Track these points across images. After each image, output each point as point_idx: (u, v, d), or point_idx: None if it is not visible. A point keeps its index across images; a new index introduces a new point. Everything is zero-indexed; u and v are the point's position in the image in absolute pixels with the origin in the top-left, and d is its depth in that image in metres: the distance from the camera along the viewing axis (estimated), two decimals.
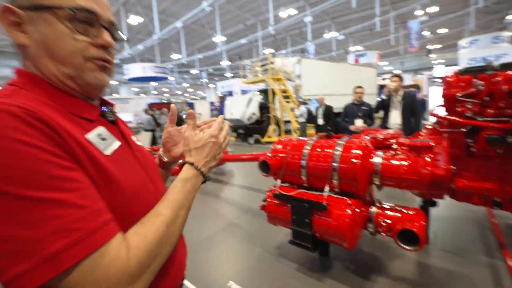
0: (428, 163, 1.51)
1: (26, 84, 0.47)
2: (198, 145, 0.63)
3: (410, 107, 3.68)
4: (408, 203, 1.93)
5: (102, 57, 0.51)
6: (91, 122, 0.51)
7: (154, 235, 0.46)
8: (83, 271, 0.37)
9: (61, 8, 0.46)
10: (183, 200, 0.55)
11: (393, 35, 18.93)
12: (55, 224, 0.35)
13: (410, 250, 1.49)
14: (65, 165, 0.39)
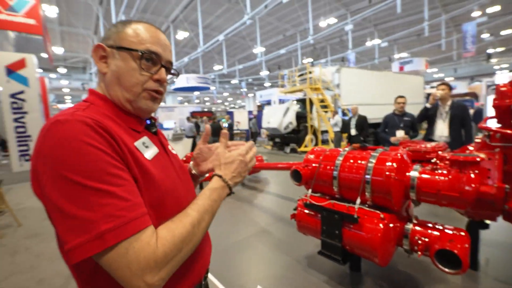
0: (472, 179, 1.40)
1: (95, 101, 0.62)
2: (227, 161, 0.70)
3: (460, 118, 3.37)
4: (455, 223, 1.78)
5: (156, 89, 0.65)
6: (138, 133, 0.64)
7: (181, 232, 0.53)
8: (119, 251, 0.45)
9: (136, 50, 0.61)
10: (209, 206, 0.61)
11: (444, 40, 17.35)
12: (105, 210, 0.45)
13: (449, 273, 1.39)
14: (118, 165, 0.50)
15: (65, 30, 15.23)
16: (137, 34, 0.62)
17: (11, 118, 7.07)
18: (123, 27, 0.63)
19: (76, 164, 0.46)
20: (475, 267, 2.04)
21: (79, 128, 0.48)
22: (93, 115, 0.53)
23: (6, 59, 6.98)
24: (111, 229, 0.45)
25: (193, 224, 0.56)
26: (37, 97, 7.50)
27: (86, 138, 0.48)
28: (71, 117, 0.49)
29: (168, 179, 0.64)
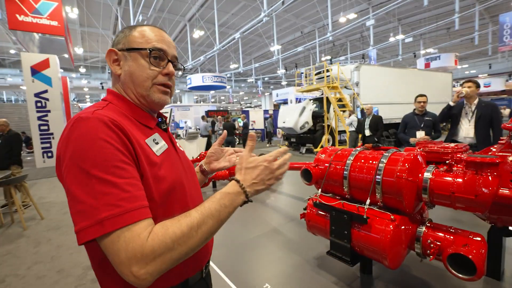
0: (489, 182, 1.32)
1: (113, 99, 0.68)
2: (249, 166, 0.65)
3: (488, 118, 3.14)
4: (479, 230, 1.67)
5: (165, 83, 0.70)
6: (150, 129, 0.70)
7: (174, 231, 0.52)
8: (113, 238, 0.49)
9: (144, 49, 0.67)
10: (215, 210, 0.58)
11: (477, 33, 16.23)
12: (107, 199, 0.49)
13: (462, 278, 1.32)
14: (125, 160, 0.54)
15: (85, 30, 15.98)
16: (143, 35, 0.68)
17: (35, 117, 7.56)
18: (130, 31, 0.69)
19: (89, 156, 0.51)
20: (498, 276, 1.91)
21: (96, 126, 0.54)
22: (111, 114, 0.59)
23: (31, 60, 7.47)
24: (109, 217, 0.49)
25: (191, 226, 0.54)
26: (59, 96, 7.96)
27: (101, 135, 0.53)
28: (91, 115, 0.56)
29: (176, 172, 0.68)
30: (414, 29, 18.25)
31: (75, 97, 29.08)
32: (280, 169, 0.68)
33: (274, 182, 0.68)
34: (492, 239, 1.84)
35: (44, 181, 6.58)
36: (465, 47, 22.04)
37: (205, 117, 10.36)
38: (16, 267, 2.58)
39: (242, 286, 2.07)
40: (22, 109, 14.73)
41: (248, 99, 39.43)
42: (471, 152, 1.84)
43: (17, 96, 27.04)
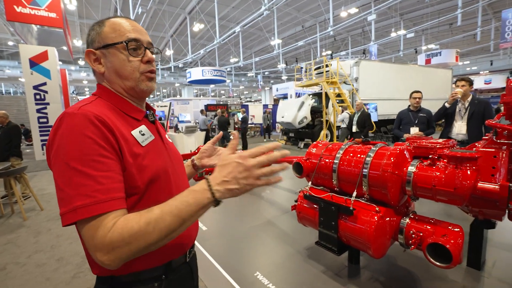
0: (467, 175, 1.38)
1: (102, 94, 0.72)
2: (222, 163, 0.61)
3: (481, 115, 3.19)
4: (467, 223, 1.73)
5: (149, 69, 0.73)
6: (138, 121, 0.73)
7: (132, 226, 0.54)
8: (84, 225, 0.55)
9: (120, 43, 0.69)
10: (176, 208, 0.57)
11: (480, 29, 16.09)
12: (82, 189, 0.54)
13: (439, 266, 1.39)
14: (105, 154, 0.58)
15: (84, 22, 15.81)
16: (114, 29, 0.70)
17: (34, 109, 7.57)
18: (100, 28, 0.71)
19: (70, 150, 0.56)
20: (479, 266, 1.99)
21: (80, 122, 0.58)
22: (97, 109, 0.63)
23: (29, 52, 7.41)
24: (82, 206, 0.54)
25: (149, 222, 0.55)
26: (58, 88, 7.95)
27: (83, 130, 0.58)
28: (77, 111, 0.60)
29: (161, 162, 0.72)
30: (416, 24, 18.11)
31: (74, 89, 28.98)
32: (261, 170, 0.60)
33: (254, 183, 0.60)
34: (474, 231, 1.91)
35: (43, 173, 6.66)
36: (467, 43, 21.92)
37: (204, 111, 10.36)
38: (16, 255, 2.67)
39: (233, 274, 2.15)
40: (21, 101, 14.72)
41: (248, 93, 39.31)
42: (457, 147, 1.90)
43: (15, 88, 26.97)
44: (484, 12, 16.05)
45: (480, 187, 1.55)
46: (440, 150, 1.69)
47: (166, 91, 35.90)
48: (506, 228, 2.61)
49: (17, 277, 2.28)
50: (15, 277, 2.28)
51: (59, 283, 2.17)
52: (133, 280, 0.69)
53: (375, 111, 9.51)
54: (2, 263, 2.52)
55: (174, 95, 33.09)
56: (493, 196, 1.56)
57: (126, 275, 0.68)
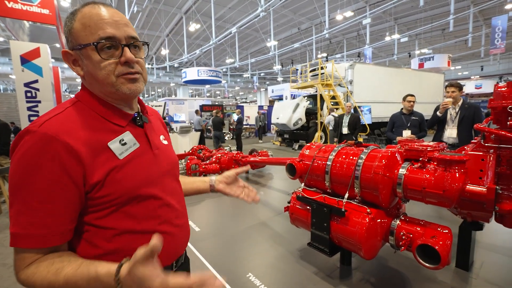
0: (456, 178, 1.40)
1: (83, 97, 0.66)
2: (136, 279, 0.50)
3: (470, 119, 3.26)
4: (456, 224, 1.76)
5: (127, 71, 0.64)
6: (122, 127, 0.67)
7: (35, 281, 0.56)
8: (16, 250, 0.58)
9: (90, 44, 0.60)
10: (78, 284, 0.54)
11: (471, 35, 16.46)
12: (20, 218, 0.56)
13: (427, 267, 1.42)
14: (54, 185, 0.56)
15: None
16: (84, 25, 0.60)
17: (25, 107, 7.44)
18: (71, 23, 0.62)
19: (21, 175, 0.56)
20: (466, 267, 2.03)
21: (37, 145, 0.55)
22: (64, 123, 0.59)
23: (21, 49, 7.28)
24: (15, 234, 0.56)
25: (52, 286, 0.55)
26: (50, 86, 7.82)
27: (36, 157, 0.55)
28: (38, 129, 0.56)
29: (142, 173, 0.67)
30: (410, 29, 18.40)
31: (67, 88, 28.52)
32: None
33: None
34: (462, 232, 1.94)
35: None
36: (459, 49, 22.35)
37: (199, 111, 10.33)
38: (4, 256, 2.60)
39: (226, 275, 2.14)
40: (11, 99, 14.40)
41: (244, 94, 39.32)
42: (447, 151, 1.94)
43: (5, 85, 26.41)
44: (475, 18, 16.43)
45: (468, 190, 1.58)
46: (430, 153, 1.72)
47: (161, 91, 35.63)
48: (493, 229, 2.66)
49: (4, 278, 2.23)
50: (2, 278, 2.23)
51: None
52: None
53: (369, 113, 9.62)
54: None
55: (169, 95, 32.85)
56: (481, 198, 1.59)
57: None
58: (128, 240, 0.65)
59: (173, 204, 0.76)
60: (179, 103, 16.70)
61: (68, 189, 0.57)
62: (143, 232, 0.67)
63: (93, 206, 0.62)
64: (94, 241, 0.63)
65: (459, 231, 1.98)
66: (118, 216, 0.63)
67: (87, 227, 0.63)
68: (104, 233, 0.63)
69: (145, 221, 0.68)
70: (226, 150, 5.68)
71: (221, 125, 8.65)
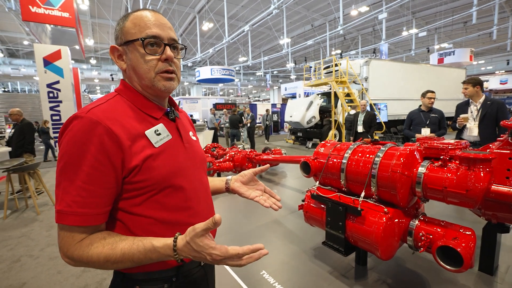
0: (480, 177, 1.34)
1: (122, 90, 0.72)
2: (194, 246, 0.58)
3: (493, 117, 3.10)
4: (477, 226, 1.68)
5: (166, 69, 0.70)
6: (156, 120, 0.72)
7: (92, 256, 0.60)
8: (60, 227, 0.62)
9: (137, 40, 0.68)
10: (138, 259, 0.61)
11: (496, 27, 15.54)
12: (65, 196, 0.59)
13: (449, 269, 1.36)
14: (97, 166, 0.60)
15: (95, 22, 16.09)
16: (135, 24, 0.68)
17: (48, 107, 7.80)
18: (124, 22, 0.70)
19: (69, 156, 0.60)
20: (491, 271, 1.93)
21: (83, 128, 0.60)
22: (108, 111, 0.64)
23: (44, 51, 7.63)
24: (61, 211, 0.60)
25: (108, 259, 0.60)
26: (71, 87, 8.16)
27: (83, 139, 0.60)
28: (85, 115, 0.61)
29: (174, 163, 0.70)
30: (429, 23, 17.68)
31: (86, 88, 29.62)
32: (226, 262, 0.59)
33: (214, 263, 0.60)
34: (486, 235, 1.85)
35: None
36: (482, 42, 21.25)
37: (213, 109, 10.42)
38: (30, 248, 2.75)
39: (239, 273, 2.16)
40: (35, 99, 15.16)
41: (257, 92, 39.29)
42: (470, 149, 1.85)
43: (30, 86, 27.78)
44: (501, 9, 15.52)
45: (493, 190, 1.50)
46: (452, 151, 1.65)
47: (176, 90, 36.25)
48: None
49: (31, 269, 2.36)
50: (29, 269, 2.36)
51: (70, 276, 2.23)
52: (142, 279, 0.70)
53: (386, 109, 9.35)
54: (16, 255, 2.61)
55: (183, 94, 33.37)
56: (508, 199, 1.51)
57: (135, 273, 0.69)
58: (160, 230, 0.68)
59: (202, 197, 0.79)
60: (193, 101, 16.93)
61: (108, 173, 0.61)
62: (175, 223, 0.70)
63: (129, 191, 0.65)
64: (130, 228, 0.67)
65: (483, 233, 1.89)
66: (151, 205, 0.67)
67: (123, 214, 0.67)
68: (139, 220, 0.67)
69: (177, 212, 0.71)
70: (240, 148, 5.70)
71: (238, 123, 8.69)
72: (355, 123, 6.10)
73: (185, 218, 0.72)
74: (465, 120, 3.19)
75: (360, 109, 6.13)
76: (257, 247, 0.59)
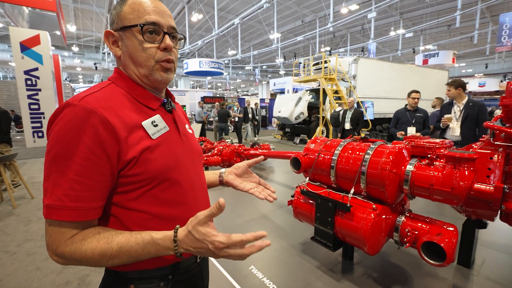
0: (465, 176, 1.39)
1: (116, 79, 0.68)
2: (196, 235, 0.56)
3: (474, 118, 3.24)
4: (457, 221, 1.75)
5: (166, 58, 0.67)
6: (153, 110, 0.69)
7: (86, 251, 0.56)
8: (48, 222, 0.57)
9: (135, 26, 0.64)
10: (135, 253, 0.57)
11: (477, 32, 16.21)
12: (56, 189, 0.55)
13: (433, 264, 1.41)
14: (91, 158, 0.56)
15: (78, 7, 15.26)
16: (133, 9, 0.65)
17: (25, 95, 7.36)
18: (121, 7, 0.66)
19: (60, 146, 0.55)
20: (468, 265, 2.04)
21: (77, 117, 0.56)
22: (102, 100, 0.60)
23: (20, 35, 7.15)
24: (50, 206, 0.55)
25: (103, 254, 0.56)
26: (51, 74, 7.74)
27: (77, 129, 0.55)
28: (78, 103, 0.57)
29: (172, 156, 0.68)
30: (415, 24, 18.14)
31: (67, 76, 28.28)
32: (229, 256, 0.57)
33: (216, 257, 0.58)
34: (466, 230, 1.94)
35: (34, 161, 6.52)
36: (464, 46, 22.08)
37: (201, 102, 10.26)
38: (6, 244, 2.61)
39: (228, 268, 2.15)
40: (11, 86, 14.28)
41: (245, 87, 39.05)
42: (454, 148, 1.92)
43: (5, 72, 26.18)
44: (482, 15, 16.16)
45: (475, 188, 1.57)
46: (437, 150, 1.70)
47: None
48: (495, 227, 2.67)
49: (6, 266, 2.24)
50: (4, 266, 2.24)
51: (50, 273, 2.14)
52: (137, 277, 0.67)
53: (372, 106, 9.56)
54: None
55: (170, 86, 32.64)
56: (488, 197, 1.58)
57: (129, 271, 0.66)
58: (156, 225, 0.65)
59: (199, 191, 0.77)
60: (180, 94, 16.59)
61: (102, 164, 0.57)
62: (172, 218, 0.68)
63: (125, 185, 0.62)
64: (125, 224, 0.63)
65: (463, 229, 1.98)
66: (148, 200, 0.64)
67: (118, 209, 0.63)
68: (135, 216, 0.64)
69: (174, 206, 0.68)
70: (228, 142, 5.66)
71: (227, 117, 8.61)
72: (343, 120, 6.20)
73: (182, 213, 0.69)
74: (449, 120, 3.33)
75: (348, 106, 6.22)
76: (260, 235, 0.56)
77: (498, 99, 15.14)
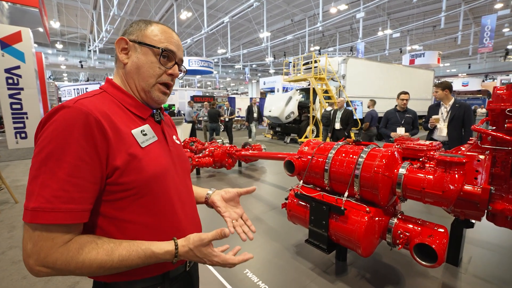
0: (455, 179, 1.43)
1: (108, 88, 0.71)
2: (198, 254, 0.65)
3: (460, 119, 3.35)
4: (444, 220, 1.81)
5: (168, 82, 0.75)
6: (143, 120, 0.72)
7: (83, 261, 0.54)
8: (31, 227, 0.54)
9: (158, 48, 0.71)
10: (135, 264, 0.60)
11: (461, 33, 16.78)
12: (43, 190, 0.52)
13: (425, 265, 1.45)
14: (85, 159, 0.55)
15: (61, 3, 14.73)
16: (157, 33, 0.72)
17: (6, 94, 7.03)
18: (145, 26, 0.72)
19: (53, 146, 0.54)
20: (456, 263, 2.10)
21: (72, 118, 0.56)
22: (96, 104, 0.61)
23: (0, 32, 6.83)
24: (35, 209, 0.52)
25: (102, 266, 0.56)
26: (34, 73, 7.42)
27: (72, 129, 0.55)
28: (73, 104, 0.57)
29: (159, 165, 0.68)
30: (402, 24, 18.56)
31: (51, 74, 27.29)
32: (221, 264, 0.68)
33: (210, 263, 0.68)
34: (454, 230, 2.00)
35: (17, 163, 6.26)
36: (448, 46, 22.80)
37: (191, 102, 10.13)
38: None
39: (223, 272, 2.14)
40: None
41: (235, 85, 38.90)
42: (443, 150, 1.97)
43: None
44: (465, 16, 16.72)
45: (463, 189, 1.62)
46: (428, 152, 1.74)
47: None
48: (480, 225, 2.77)
49: None
50: None
51: (37, 281, 2.07)
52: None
53: (361, 105, 9.72)
54: None
55: None
56: (475, 198, 1.64)
57: (118, 282, 0.65)
58: (145, 235, 0.65)
59: (187, 201, 0.78)
60: None
61: (95, 166, 0.57)
62: (160, 228, 0.68)
63: (113, 193, 0.61)
64: (113, 234, 0.62)
65: (451, 229, 2.04)
66: (136, 210, 0.64)
67: (105, 220, 0.62)
68: (123, 226, 0.63)
69: (162, 216, 0.68)
70: (219, 143, 5.62)
71: (218, 117, 8.55)
72: (333, 120, 6.27)
73: (170, 223, 0.70)
74: (436, 121, 3.43)
75: (338, 106, 6.30)
76: (248, 258, 0.72)
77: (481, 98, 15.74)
